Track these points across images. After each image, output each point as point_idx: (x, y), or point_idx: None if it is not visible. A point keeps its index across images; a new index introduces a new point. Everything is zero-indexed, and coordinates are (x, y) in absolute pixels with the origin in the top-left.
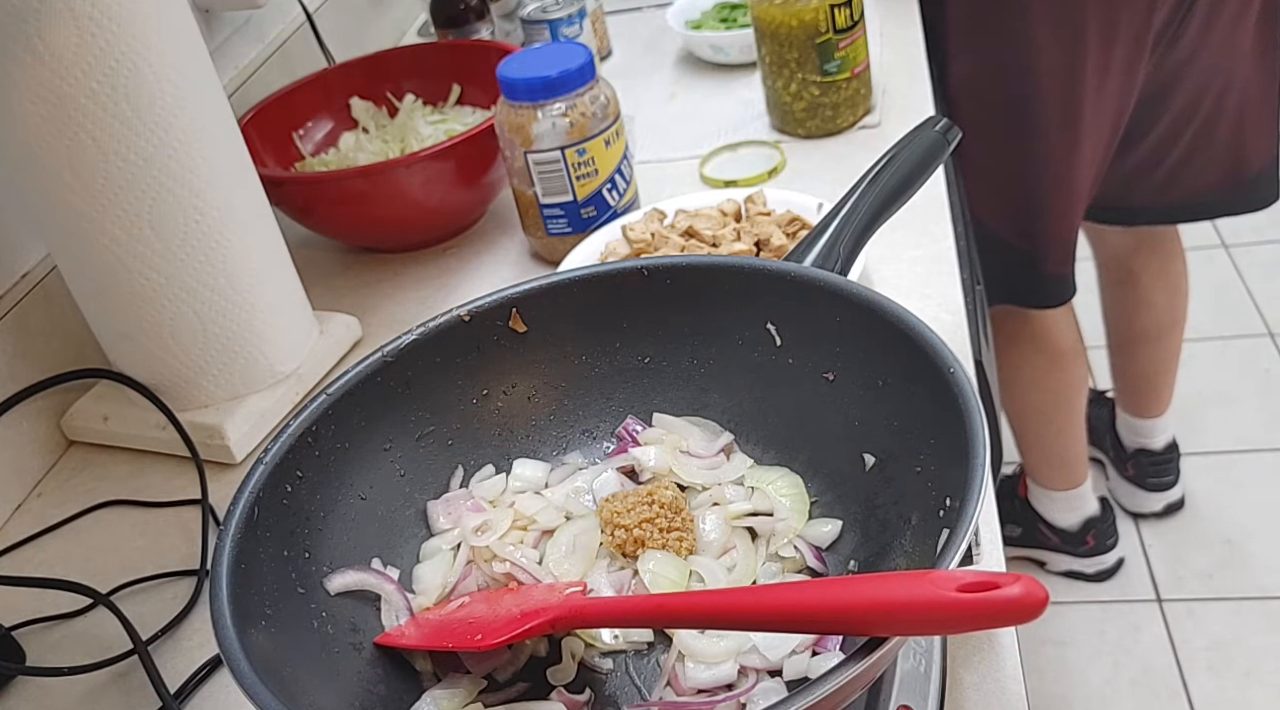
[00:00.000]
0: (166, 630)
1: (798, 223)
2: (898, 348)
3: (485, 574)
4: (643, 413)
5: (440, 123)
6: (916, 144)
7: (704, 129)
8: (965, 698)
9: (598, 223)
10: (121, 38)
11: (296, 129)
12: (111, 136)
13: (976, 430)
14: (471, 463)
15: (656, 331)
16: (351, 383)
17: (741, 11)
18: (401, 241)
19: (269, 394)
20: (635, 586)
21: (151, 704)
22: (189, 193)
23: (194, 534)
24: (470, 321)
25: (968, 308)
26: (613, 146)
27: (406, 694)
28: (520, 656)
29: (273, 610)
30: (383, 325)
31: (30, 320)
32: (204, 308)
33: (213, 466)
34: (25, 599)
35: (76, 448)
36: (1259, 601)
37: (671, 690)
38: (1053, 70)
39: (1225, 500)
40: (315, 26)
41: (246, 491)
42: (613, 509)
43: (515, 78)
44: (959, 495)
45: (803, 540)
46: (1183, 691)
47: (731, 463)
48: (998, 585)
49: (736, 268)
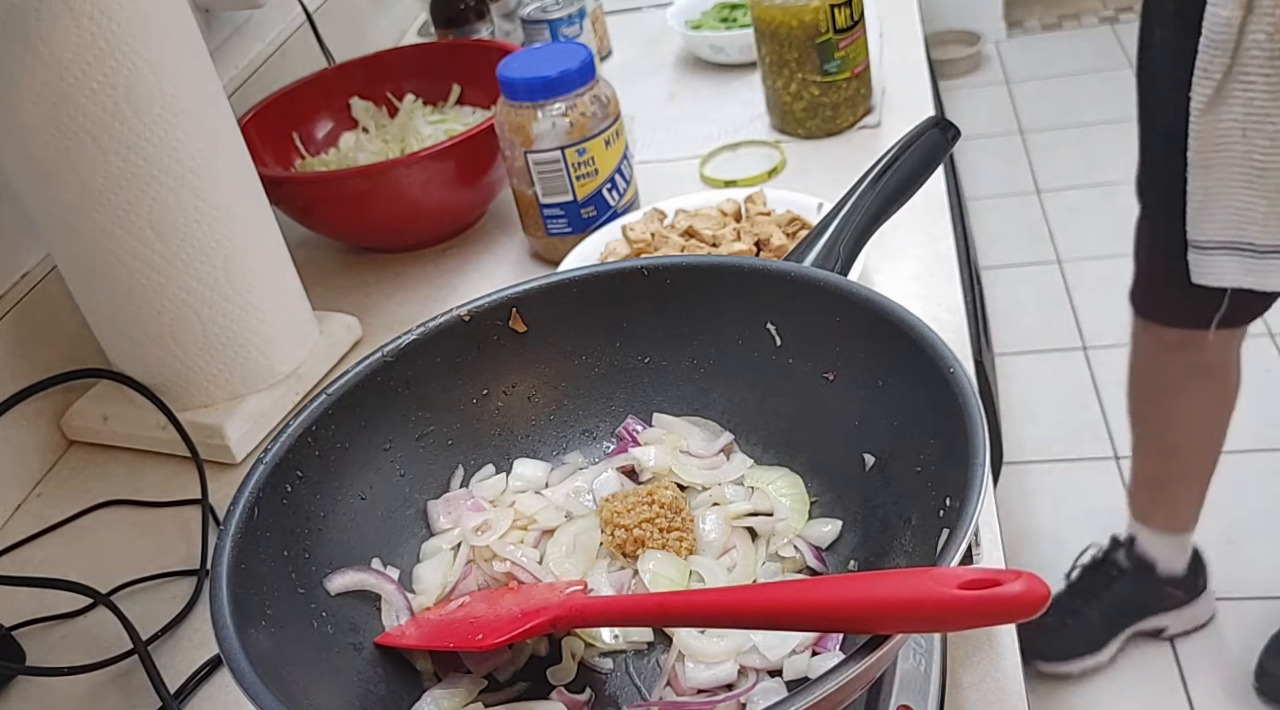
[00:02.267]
0: (166, 630)
1: (798, 223)
2: (898, 348)
3: (485, 573)
4: (643, 413)
5: (440, 123)
6: (916, 144)
7: (704, 129)
8: (965, 698)
9: (598, 223)
10: (121, 38)
11: (296, 129)
12: (111, 136)
13: (976, 430)
14: (472, 462)
15: (656, 331)
16: (351, 383)
17: (741, 11)
18: (401, 241)
19: (269, 394)
20: (635, 586)
21: (151, 704)
22: (189, 193)
23: (194, 534)
24: (470, 321)
25: (968, 308)
26: (613, 146)
27: (407, 694)
28: (520, 656)
29: (273, 610)
30: (383, 325)
31: (30, 320)
32: (204, 308)
33: (213, 466)
34: (25, 599)
35: (76, 448)
36: (1259, 601)
37: (671, 690)
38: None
39: (1225, 500)
40: (315, 26)
41: (246, 491)
42: (613, 509)
43: (515, 78)
44: (959, 495)
45: (803, 540)
46: (1183, 691)
47: (731, 463)
48: (999, 582)
49: (736, 268)
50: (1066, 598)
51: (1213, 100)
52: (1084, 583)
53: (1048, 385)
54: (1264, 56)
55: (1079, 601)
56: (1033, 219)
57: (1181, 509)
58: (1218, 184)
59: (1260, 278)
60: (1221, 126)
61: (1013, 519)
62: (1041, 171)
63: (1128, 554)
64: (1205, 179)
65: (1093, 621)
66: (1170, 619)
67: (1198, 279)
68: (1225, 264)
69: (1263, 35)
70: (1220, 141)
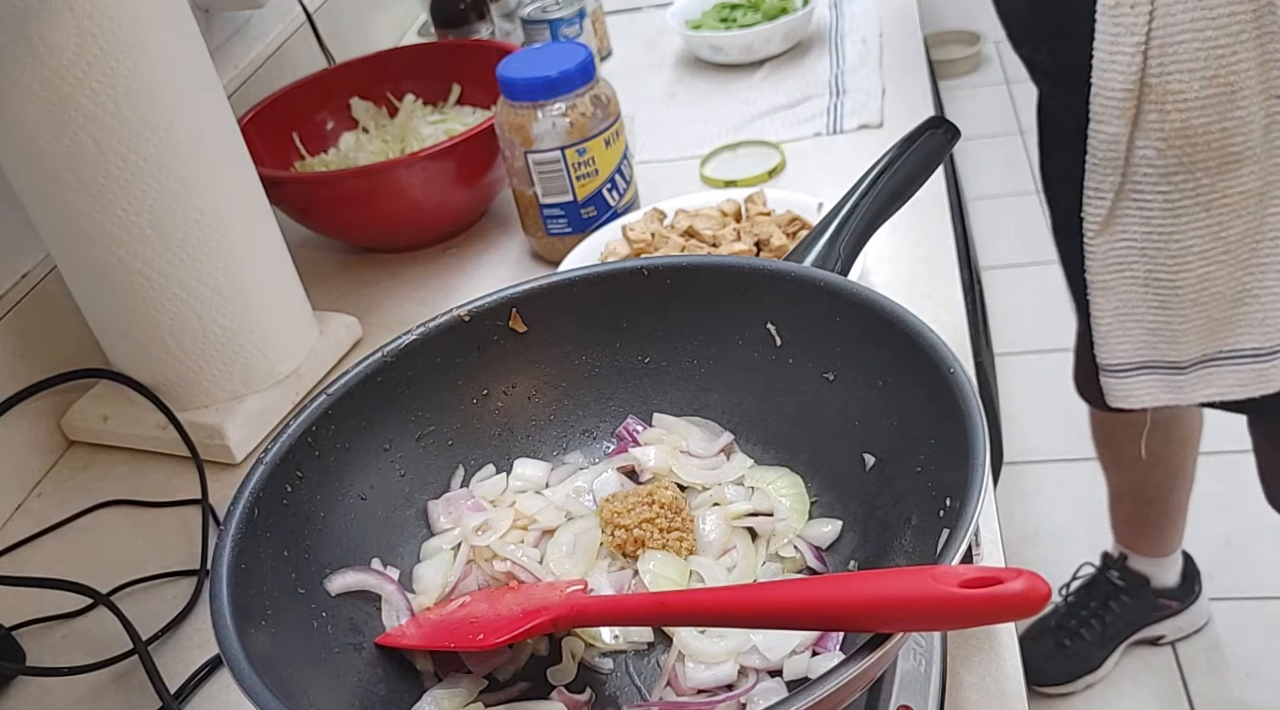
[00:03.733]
0: (166, 630)
1: (798, 223)
2: (898, 348)
3: (486, 573)
4: (643, 413)
5: (440, 123)
6: (916, 144)
7: (704, 129)
8: (965, 698)
9: (598, 223)
10: (121, 38)
11: (296, 129)
12: (111, 136)
13: (976, 430)
14: (472, 462)
15: (656, 331)
16: (351, 383)
17: (741, 11)
18: (401, 241)
19: (269, 394)
20: (635, 586)
21: (151, 704)
22: (189, 193)
23: (194, 534)
24: (470, 321)
25: (968, 308)
26: (613, 146)
27: (407, 694)
28: (521, 656)
29: (273, 610)
30: (383, 325)
31: (30, 320)
32: (204, 308)
33: (213, 466)
34: (25, 599)
35: (76, 448)
36: (1259, 601)
37: (671, 690)
38: None
39: (1225, 500)
40: (315, 26)
41: (246, 491)
42: (613, 509)
43: (515, 78)
44: (959, 495)
45: (803, 540)
46: (1183, 691)
47: (731, 463)
48: (1000, 580)
49: (736, 268)
50: (1064, 619)
51: (1106, 221)
52: (1079, 604)
53: (1048, 385)
54: (1156, 174)
55: (1075, 622)
56: (1033, 219)
57: (1164, 537)
58: (1123, 305)
59: (1184, 394)
60: (1118, 248)
61: (1013, 519)
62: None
63: (1120, 572)
64: (1109, 301)
65: (1091, 642)
66: (1167, 627)
67: (1115, 403)
68: (1143, 384)
69: (1153, 152)
70: (1119, 262)
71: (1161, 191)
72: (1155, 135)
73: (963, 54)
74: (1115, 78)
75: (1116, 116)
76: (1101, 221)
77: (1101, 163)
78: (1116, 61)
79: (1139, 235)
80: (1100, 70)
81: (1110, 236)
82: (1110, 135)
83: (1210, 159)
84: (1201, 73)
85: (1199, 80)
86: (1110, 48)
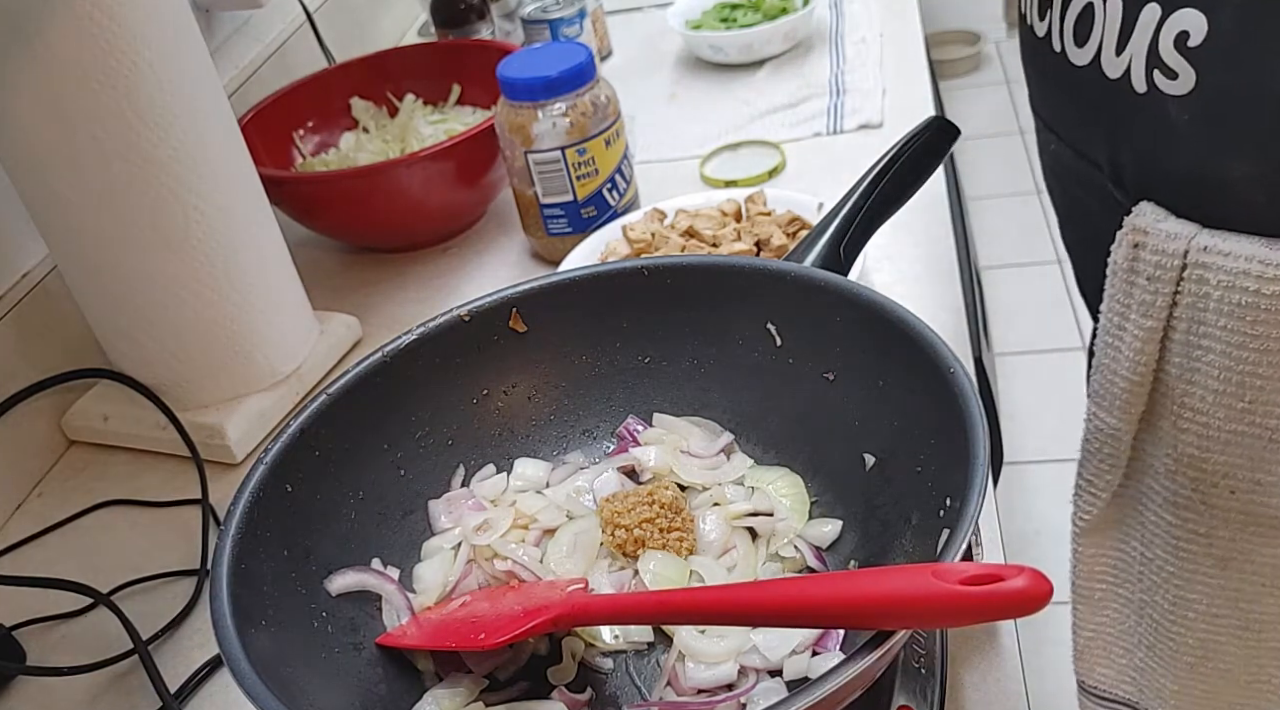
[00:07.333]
0: (166, 630)
1: (798, 223)
2: (898, 348)
3: (486, 572)
4: (643, 413)
5: (440, 123)
6: (916, 144)
7: (704, 129)
8: (965, 698)
9: (598, 223)
10: (121, 38)
11: (296, 129)
12: (111, 136)
13: (976, 430)
14: (472, 462)
15: (656, 331)
16: (351, 383)
17: (741, 11)
18: (401, 241)
19: (269, 394)
20: (635, 586)
21: (152, 704)
22: (189, 193)
23: (194, 534)
24: (470, 321)
25: (968, 308)
26: (613, 146)
27: (407, 694)
28: (521, 656)
29: (273, 610)
30: (383, 325)
31: (30, 320)
32: (204, 308)
33: (213, 466)
34: (25, 599)
35: (76, 447)
36: None
37: (672, 690)
38: None
39: None
40: (315, 26)
41: (246, 491)
42: (613, 509)
43: (515, 78)
44: (959, 495)
45: (803, 540)
46: None
47: (731, 463)
48: (1001, 578)
49: (736, 268)
50: None
51: (1098, 522)
52: None
53: (1048, 385)
54: (1163, 496)
55: None
56: (1033, 219)
57: None
58: (1109, 625)
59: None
60: (1109, 555)
61: (1013, 519)
62: (1041, 171)
63: None
64: (1093, 614)
65: None
66: None
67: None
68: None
69: (1161, 467)
70: (1111, 576)
71: (1166, 521)
72: (1166, 449)
73: (963, 54)
74: (1121, 362)
75: (1119, 408)
76: (1091, 521)
77: (1096, 454)
78: (1124, 341)
79: (1136, 555)
80: (1104, 342)
81: (1101, 543)
82: (1110, 427)
83: (1232, 511)
84: (1230, 400)
85: (1223, 409)
86: (1118, 317)
